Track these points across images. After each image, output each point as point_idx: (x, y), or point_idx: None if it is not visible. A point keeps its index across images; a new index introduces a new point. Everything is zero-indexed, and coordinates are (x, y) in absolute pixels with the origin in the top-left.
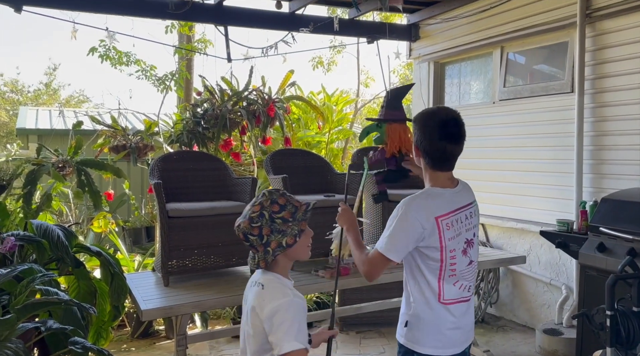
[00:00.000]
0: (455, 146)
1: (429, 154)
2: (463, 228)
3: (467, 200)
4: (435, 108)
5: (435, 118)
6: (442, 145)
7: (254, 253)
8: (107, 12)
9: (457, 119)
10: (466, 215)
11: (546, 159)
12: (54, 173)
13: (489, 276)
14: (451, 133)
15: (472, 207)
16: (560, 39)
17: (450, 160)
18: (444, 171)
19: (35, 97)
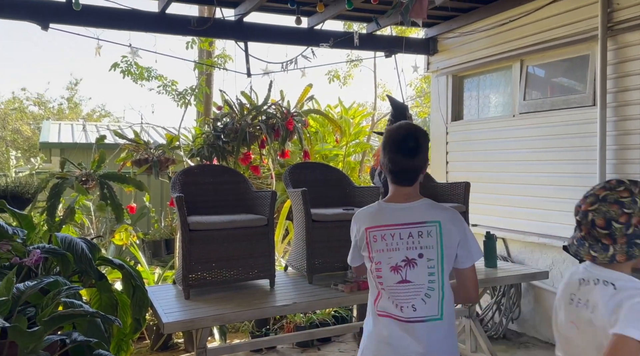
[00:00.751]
0: (409, 160)
1: (385, 167)
2: (402, 245)
3: (417, 218)
4: (397, 124)
5: (394, 132)
6: (395, 159)
7: (606, 244)
8: (132, 29)
9: (414, 134)
10: (410, 232)
11: (568, 173)
12: (78, 187)
13: (510, 292)
14: (404, 148)
15: (424, 226)
16: (581, 52)
17: (405, 174)
18: (400, 185)
19: (58, 112)
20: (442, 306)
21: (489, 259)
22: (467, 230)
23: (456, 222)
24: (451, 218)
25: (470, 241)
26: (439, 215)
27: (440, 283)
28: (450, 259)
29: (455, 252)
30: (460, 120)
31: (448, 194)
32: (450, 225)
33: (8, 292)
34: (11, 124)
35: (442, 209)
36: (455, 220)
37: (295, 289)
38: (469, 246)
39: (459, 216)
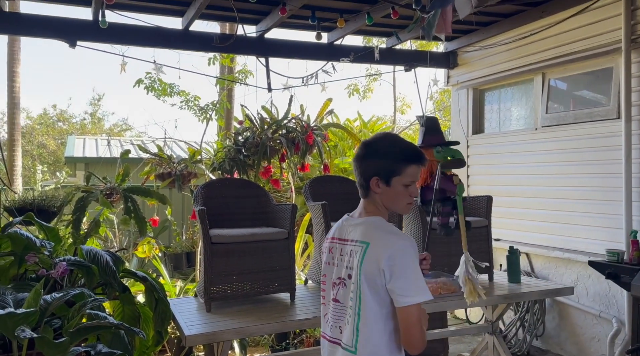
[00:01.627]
0: (356, 169)
1: None
2: (342, 263)
3: (354, 236)
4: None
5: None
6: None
7: None
8: (156, 46)
9: (367, 141)
10: (346, 250)
11: (593, 187)
12: (102, 200)
13: (534, 308)
14: (355, 157)
15: (355, 245)
16: (604, 65)
17: (358, 184)
18: (361, 197)
19: (81, 126)
20: (357, 340)
21: (513, 274)
22: (405, 264)
23: (391, 251)
24: (387, 244)
25: (410, 276)
26: (372, 236)
27: (356, 310)
28: (373, 288)
29: (383, 283)
30: (482, 133)
31: (470, 208)
32: (379, 251)
33: (36, 304)
34: (37, 139)
35: (384, 232)
36: (392, 249)
37: (315, 303)
38: (406, 281)
39: (402, 246)
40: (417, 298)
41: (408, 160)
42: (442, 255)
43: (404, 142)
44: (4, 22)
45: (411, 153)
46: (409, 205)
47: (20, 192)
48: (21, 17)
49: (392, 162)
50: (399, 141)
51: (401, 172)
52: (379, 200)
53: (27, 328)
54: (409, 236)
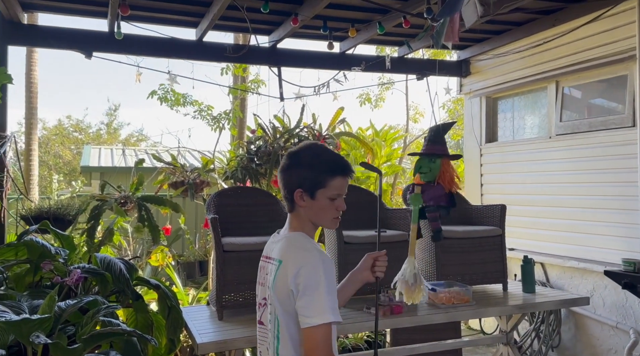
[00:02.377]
0: (280, 181)
1: None
2: (265, 283)
3: (272, 253)
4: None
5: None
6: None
7: None
8: (170, 57)
9: (292, 151)
10: (267, 269)
11: (608, 195)
12: (117, 209)
13: (549, 318)
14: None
15: (271, 263)
16: (619, 73)
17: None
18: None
19: (97, 137)
20: None
21: (527, 284)
22: (312, 282)
23: (298, 268)
24: (295, 261)
25: (316, 295)
26: (285, 254)
27: (275, 332)
28: (286, 310)
29: (293, 303)
30: (495, 141)
31: (483, 217)
32: (288, 269)
33: (50, 310)
34: (53, 149)
35: (295, 249)
36: (299, 266)
37: None
38: (311, 299)
39: (310, 262)
40: (318, 320)
41: (333, 172)
42: (455, 264)
43: (329, 152)
44: (23, 35)
45: (337, 164)
46: (335, 219)
47: (36, 201)
48: (39, 29)
49: (317, 173)
50: (325, 152)
51: (326, 184)
52: (304, 214)
53: (41, 334)
54: (323, 252)
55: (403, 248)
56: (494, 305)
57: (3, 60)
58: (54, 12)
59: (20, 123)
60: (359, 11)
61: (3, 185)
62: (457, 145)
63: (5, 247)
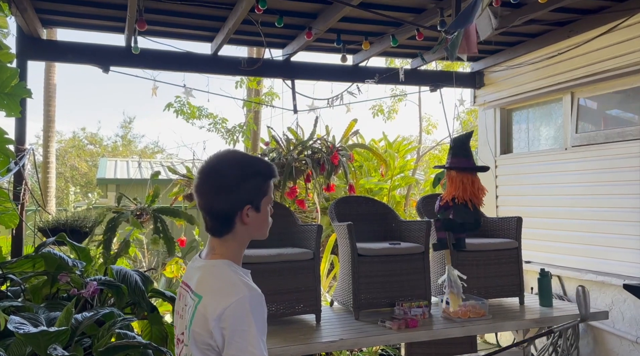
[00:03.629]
0: (203, 200)
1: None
2: (185, 314)
3: (194, 283)
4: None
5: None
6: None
7: None
8: (186, 71)
9: (210, 163)
10: (186, 300)
11: (626, 208)
12: (133, 221)
13: (567, 333)
14: (197, 185)
15: (190, 297)
16: (635, 84)
17: (207, 218)
18: (208, 233)
19: (113, 149)
20: None
21: (544, 298)
22: (246, 327)
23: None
24: (218, 303)
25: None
26: (204, 288)
27: None
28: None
29: (213, 347)
30: (510, 153)
31: (499, 229)
32: (210, 309)
33: (67, 322)
34: (70, 161)
35: (215, 285)
36: (223, 309)
37: (341, 325)
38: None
39: (236, 304)
40: None
41: (269, 176)
42: (471, 277)
43: (249, 156)
44: (43, 50)
45: (267, 166)
46: (268, 226)
47: (54, 213)
48: (58, 45)
49: (259, 182)
50: (248, 156)
51: (267, 191)
52: (242, 234)
53: (58, 346)
54: (250, 285)
55: (418, 260)
56: (510, 319)
57: (23, 74)
58: (73, 28)
59: (38, 136)
60: (372, 24)
61: (21, 197)
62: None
63: (23, 259)
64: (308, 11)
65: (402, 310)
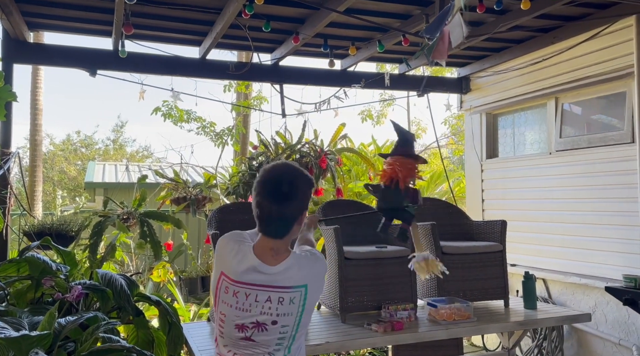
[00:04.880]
0: (278, 207)
1: (254, 212)
2: (256, 309)
3: (282, 282)
4: (274, 163)
5: (267, 172)
6: (263, 204)
7: None
8: (174, 74)
9: (289, 177)
10: (269, 297)
11: (609, 211)
12: (119, 225)
13: (552, 335)
14: (274, 192)
15: (288, 292)
16: (618, 89)
17: (272, 222)
18: (266, 236)
19: (104, 153)
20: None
21: (529, 300)
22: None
23: (322, 278)
24: (317, 274)
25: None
26: (306, 276)
27: (289, 343)
28: (308, 320)
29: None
30: (496, 157)
31: (484, 232)
32: (316, 285)
33: (50, 327)
34: (58, 165)
35: (311, 265)
36: (319, 275)
37: (327, 328)
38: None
39: (324, 267)
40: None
41: (314, 185)
42: (456, 280)
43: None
44: (29, 53)
45: (312, 178)
46: None
47: (40, 217)
48: (45, 48)
49: (310, 189)
50: (301, 168)
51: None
52: (295, 234)
53: (40, 350)
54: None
55: (404, 263)
56: (495, 321)
57: (8, 78)
58: (60, 31)
59: (26, 139)
60: (359, 30)
61: (6, 201)
62: (459, 161)
63: (7, 263)
64: (295, 16)
65: (389, 313)
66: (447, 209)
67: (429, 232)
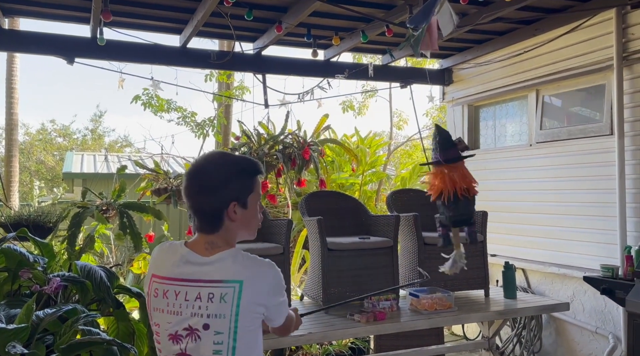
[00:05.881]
0: (194, 200)
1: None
2: (187, 310)
3: (212, 275)
4: (202, 154)
5: (190, 165)
6: (186, 197)
7: None
8: (154, 63)
9: (196, 165)
10: (199, 294)
11: (587, 202)
12: (98, 216)
13: (531, 324)
14: (192, 184)
15: (218, 287)
16: (597, 82)
17: (202, 217)
18: (198, 231)
19: (82, 143)
20: None
21: (508, 290)
22: (282, 291)
23: (271, 285)
24: (259, 275)
25: (284, 301)
26: (241, 272)
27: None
28: (248, 328)
29: (259, 318)
30: (477, 149)
31: None
32: (255, 288)
33: (28, 319)
34: (35, 155)
35: (252, 264)
36: (270, 282)
37: (310, 319)
38: (282, 307)
39: (277, 275)
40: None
41: (255, 172)
42: (439, 271)
43: (233, 155)
44: (3, 40)
45: (251, 164)
46: (259, 224)
47: (16, 208)
48: (20, 35)
49: (243, 179)
50: (229, 155)
51: (253, 187)
52: (233, 230)
53: (18, 344)
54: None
55: (387, 254)
56: (475, 311)
57: None
58: (36, 18)
59: (3, 128)
60: (342, 19)
61: None
62: None
63: None
64: (278, 5)
65: (371, 303)
66: (429, 200)
67: (411, 222)
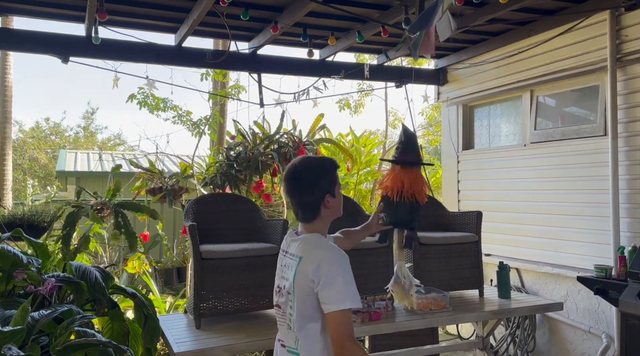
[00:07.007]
0: (290, 198)
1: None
2: (279, 272)
3: (290, 248)
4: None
5: (286, 169)
6: (286, 196)
7: None
8: (149, 62)
9: (291, 171)
10: (284, 262)
11: (581, 202)
12: (93, 215)
13: (524, 323)
14: (288, 185)
15: (289, 258)
16: (591, 83)
17: (297, 211)
18: (300, 222)
19: (74, 140)
20: (298, 344)
21: (503, 290)
22: (336, 274)
23: (319, 263)
24: (314, 258)
25: (336, 285)
26: (303, 251)
27: (294, 317)
28: (306, 298)
29: (313, 293)
30: (472, 149)
31: (460, 223)
32: (309, 264)
33: (23, 321)
34: (29, 152)
35: (312, 247)
36: (319, 261)
37: None
38: (331, 289)
39: (328, 258)
40: (338, 306)
41: (334, 168)
42: (433, 270)
43: (314, 157)
44: None
45: (330, 161)
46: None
47: (10, 207)
48: (14, 33)
49: (330, 175)
50: (313, 157)
51: (336, 179)
52: (326, 216)
53: (13, 346)
54: (338, 249)
55: (383, 254)
56: (470, 311)
57: None
58: (30, 16)
59: None
60: (338, 20)
61: None
62: (435, 152)
63: None
64: (274, 4)
65: (366, 303)
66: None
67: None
